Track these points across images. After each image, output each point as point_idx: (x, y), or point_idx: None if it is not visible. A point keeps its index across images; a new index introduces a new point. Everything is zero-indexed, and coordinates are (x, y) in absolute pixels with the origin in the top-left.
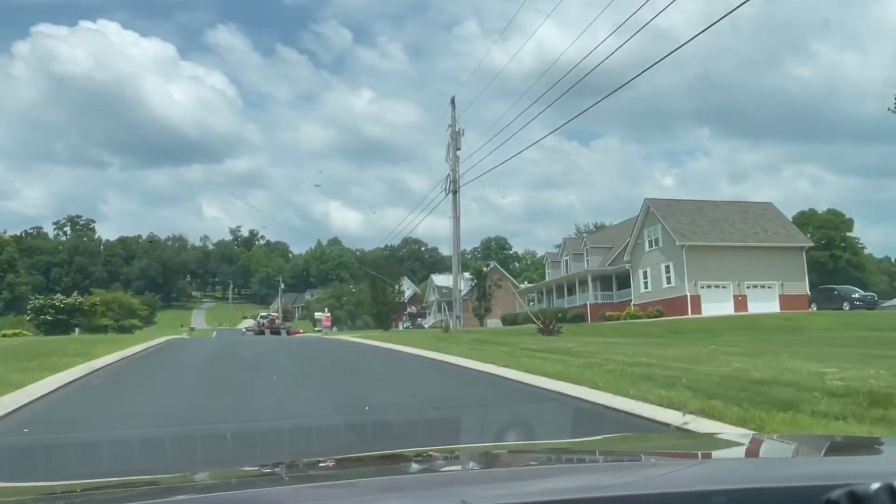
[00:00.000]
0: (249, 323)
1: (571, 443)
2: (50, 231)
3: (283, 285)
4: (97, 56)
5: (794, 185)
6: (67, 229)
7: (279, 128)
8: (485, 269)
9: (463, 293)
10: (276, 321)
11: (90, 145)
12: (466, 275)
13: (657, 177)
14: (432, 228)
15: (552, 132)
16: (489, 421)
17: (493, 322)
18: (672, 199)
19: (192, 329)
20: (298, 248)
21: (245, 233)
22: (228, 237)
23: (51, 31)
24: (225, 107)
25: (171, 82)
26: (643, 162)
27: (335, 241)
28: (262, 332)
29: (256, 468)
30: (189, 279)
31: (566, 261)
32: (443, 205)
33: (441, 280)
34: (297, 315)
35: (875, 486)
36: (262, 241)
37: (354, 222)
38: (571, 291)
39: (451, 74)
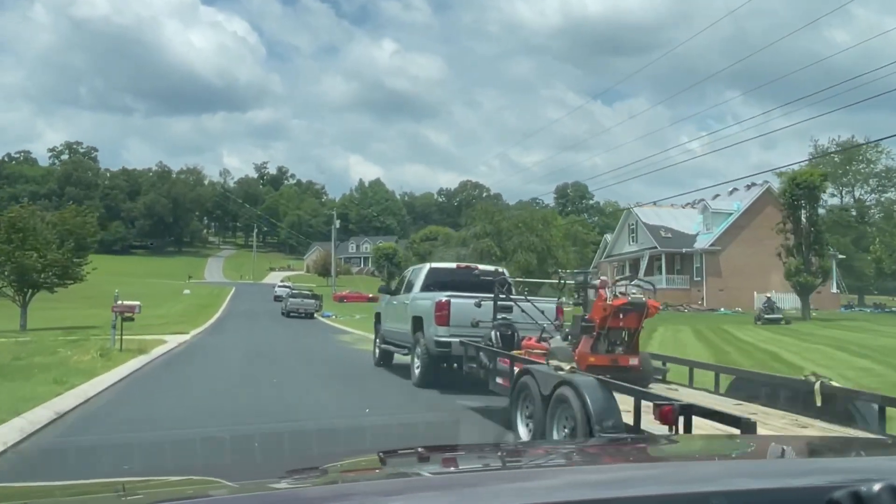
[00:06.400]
0: (279, 278)
1: (573, 443)
2: (44, 159)
3: (338, 222)
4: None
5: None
6: (66, 157)
7: (302, 79)
8: (818, 181)
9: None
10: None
11: (112, 91)
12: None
13: None
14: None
15: None
16: None
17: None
18: None
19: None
20: (333, 194)
21: (272, 170)
22: (253, 174)
23: None
24: (248, 55)
25: (191, 28)
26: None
27: (378, 184)
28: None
29: (265, 472)
30: (206, 222)
31: None
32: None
33: (651, 215)
34: (332, 268)
35: (878, 486)
36: (291, 181)
37: (375, 176)
38: None
39: None
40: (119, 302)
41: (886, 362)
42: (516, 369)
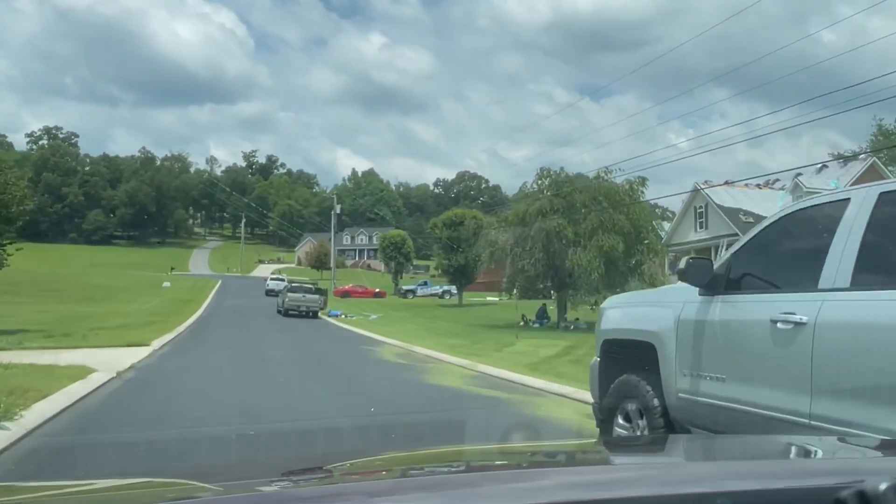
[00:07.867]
0: (268, 270)
1: (573, 444)
2: (21, 144)
3: (338, 207)
4: None
5: (813, 152)
6: (44, 143)
7: (290, 71)
8: None
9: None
10: None
11: (98, 81)
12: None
13: None
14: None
15: None
16: None
17: None
18: None
19: None
20: (323, 187)
21: (262, 159)
22: (241, 163)
23: None
24: (236, 47)
25: (178, 19)
26: None
27: (371, 174)
28: None
29: (262, 472)
30: (191, 211)
31: None
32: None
33: (724, 196)
34: (331, 259)
35: (884, 485)
36: (282, 170)
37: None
38: None
39: None
40: None
41: None
42: None
